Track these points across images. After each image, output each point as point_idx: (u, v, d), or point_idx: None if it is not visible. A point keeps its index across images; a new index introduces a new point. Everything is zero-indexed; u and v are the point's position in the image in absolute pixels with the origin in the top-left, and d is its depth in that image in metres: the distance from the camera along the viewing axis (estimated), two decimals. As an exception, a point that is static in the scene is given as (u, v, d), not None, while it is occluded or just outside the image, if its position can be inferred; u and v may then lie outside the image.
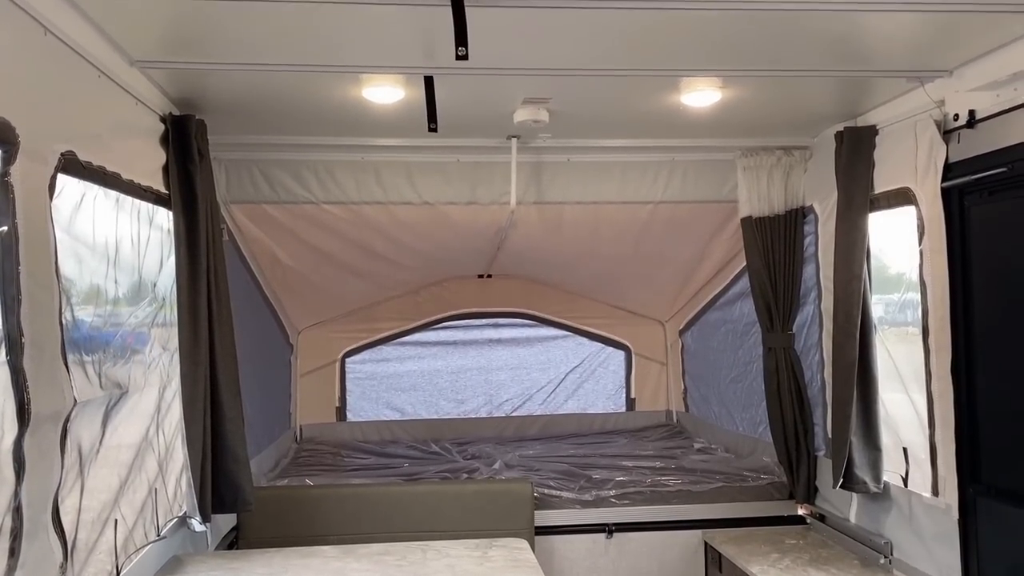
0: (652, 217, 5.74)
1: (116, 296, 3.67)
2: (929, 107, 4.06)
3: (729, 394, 6.78)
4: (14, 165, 2.45)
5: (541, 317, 7.95)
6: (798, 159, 5.39)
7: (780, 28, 3.39)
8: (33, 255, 2.55)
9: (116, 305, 3.66)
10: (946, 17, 3.27)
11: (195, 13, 3.14)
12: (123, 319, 3.73)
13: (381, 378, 7.74)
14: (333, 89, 4.14)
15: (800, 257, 5.35)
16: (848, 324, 4.54)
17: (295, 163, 5.27)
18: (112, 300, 3.62)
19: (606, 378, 8.08)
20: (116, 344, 3.58)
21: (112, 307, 3.61)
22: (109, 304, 3.58)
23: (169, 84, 3.99)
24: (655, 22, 3.29)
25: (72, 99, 3.02)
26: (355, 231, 5.70)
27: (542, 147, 5.27)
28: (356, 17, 3.18)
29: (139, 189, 3.62)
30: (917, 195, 4.15)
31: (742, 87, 4.24)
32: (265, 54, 3.62)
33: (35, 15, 2.65)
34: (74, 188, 3.11)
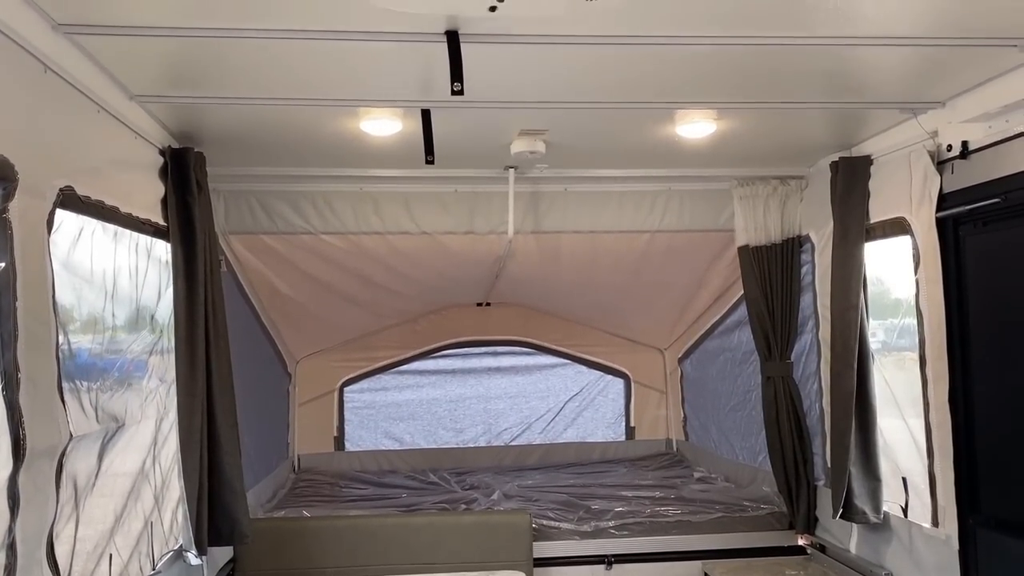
0: (649, 246, 5.76)
1: (114, 326, 3.68)
2: (923, 138, 4.09)
3: (728, 423, 6.76)
4: (13, 201, 2.47)
5: (540, 345, 7.95)
6: (794, 188, 5.42)
7: (774, 62, 3.43)
8: (30, 290, 2.56)
9: (114, 333, 3.67)
10: (937, 51, 3.31)
11: (194, 49, 3.18)
12: (121, 348, 3.74)
13: (379, 407, 7.72)
14: (331, 122, 4.17)
15: (797, 286, 5.37)
16: (846, 353, 4.54)
17: (294, 194, 5.30)
18: (110, 329, 3.63)
19: (605, 406, 8.05)
20: (114, 373, 3.59)
21: (111, 334, 3.62)
22: (108, 331, 3.59)
23: (168, 117, 4.02)
24: (649, 56, 3.32)
25: (71, 134, 3.05)
26: (354, 261, 5.71)
27: (539, 177, 5.31)
28: (354, 53, 3.22)
29: (137, 222, 3.63)
30: (912, 225, 4.17)
31: (737, 118, 4.28)
32: (264, 88, 3.66)
33: (35, 53, 2.69)
34: (73, 221, 3.13)
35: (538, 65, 3.40)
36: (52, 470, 2.63)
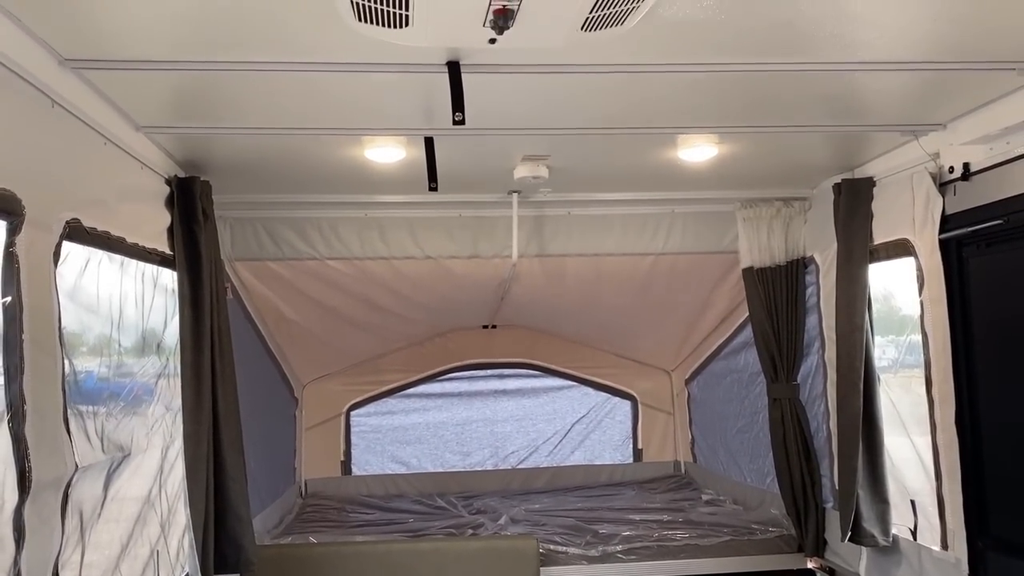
0: (654, 268, 5.77)
1: (120, 352, 3.70)
2: (925, 160, 4.10)
3: (736, 444, 6.73)
4: (19, 235, 2.50)
5: (546, 367, 7.94)
6: (798, 210, 5.43)
7: (775, 87, 3.45)
8: (37, 322, 2.58)
9: (120, 358, 3.69)
10: (937, 74, 3.33)
11: (199, 82, 3.22)
12: (129, 374, 3.76)
13: (386, 431, 7.71)
14: (336, 150, 4.21)
15: (802, 308, 5.36)
16: (851, 375, 4.53)
17: (299, 220, 5.34)
18: (116, 354, 3.65)
19: (613, 429, 8.03)
20: (120, 401, 3.60)
21: (117, 359, 3.64)
22: (115, 356, 3.61)
23: (174, 147, 4.07)
24: (649, 83, 3.35)
25: (78, 166, 3.08)
26: (359, 286, 5.74)
27: (543, 201, 5.34)
28: (357, 83, 3.26)
29: (144, 251, 3.67)
30: (916, 246, 4.17)
31: (739, 142, 4.30)
32: (269, 118, 3.70)
33: (43, 88, 2.73)
34: (80, 250, 3.16)
35: (539, 93, 3.43)
36: (58, 501, 2.64)
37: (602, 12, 2.33)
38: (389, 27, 2.41)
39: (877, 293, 4.67)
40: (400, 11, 2.29)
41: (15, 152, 2.55)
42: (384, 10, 2.30)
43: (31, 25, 2.57)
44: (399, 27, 2.40)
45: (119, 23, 2.62)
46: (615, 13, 2.36)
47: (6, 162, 2.47)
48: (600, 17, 2.37)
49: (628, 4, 2.31)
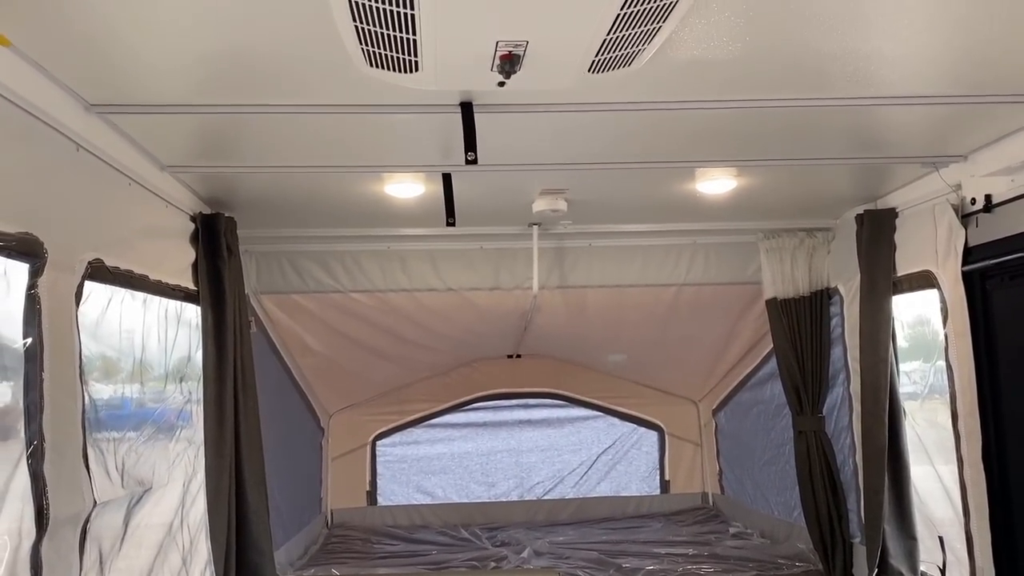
0: (676, 299, 5.75)
1: (142, 383, 3.77)
2: (946, 191, 4.06)
3: (763, 477, 6.64)
4: (41, 277, 2.56)
5: (572, 397, 7.90)
6: (821, 240, 5.39)
7: (793, 121, 3.44)
8: (58, 361, 2.64)
9: (144, 390, 3.75)
10: (957, 108, 3.30)
11: (223, 123, 3.30)
12: (152, 406, 3.82)
13: (411, 461, 7.71)
14: (356, 186, 4.28)
15: (827, 339, 5.30)
16: (876, 408, 4.47)
17: (323, 254, 5.42)
18: (139, 386, 3.72)
19: (639, 459, 7.95)
20: (147, 426, 3.67)
21: (140, 392, 3.70)
22: (136, 385, 3.67)
23: (200, 185, 4.16)
24: (663, 119, 3.36)
25: (102, 207, 3.16)
26: (382, 317, 5.79)
27: (563, 233, 5.35)
28: (376, 123, 3.31)
29: (167, 288, 3.74)
30: (939, 278, 4.11)
31: (758, 174, 4.29)
32: (291, 156, 3.77)
33: (68, 133, 2.81)
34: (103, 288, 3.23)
35: (554, 129, 3.46)
36: (76, 537, 2.69)
37: (608, 55, 2.36)
38: (399, 72, 2.45)
39: (909, 318, 4.60)
40: (409, 57, 2.34)
41: (39, 196, 2.63)
42: (394, 56, 2.34)
43: (57, 73, 2.65)
44: (409, 72, 2.44)
45: (143, 70, 2.70)
46: (622, 55, 2.38)
47: (30, 206, 2.54)
48: (607, 59, 2.39)
49: (634, 47, 2.33)
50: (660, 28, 2.22)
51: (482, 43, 2.24)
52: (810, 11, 2.35)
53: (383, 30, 2.16)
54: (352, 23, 2.15)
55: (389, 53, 2.32)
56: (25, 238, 2.47)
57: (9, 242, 2.39)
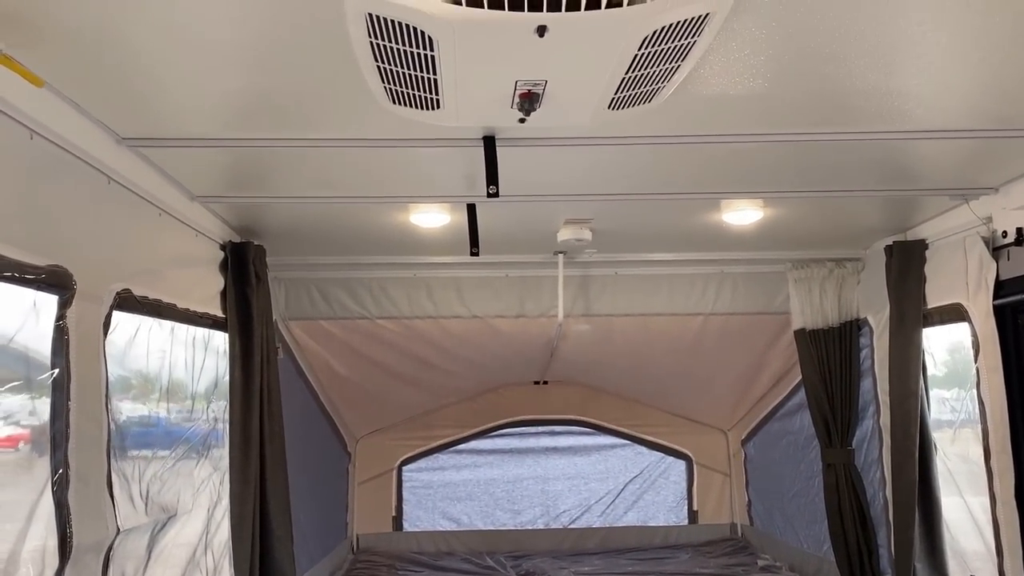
0: (704, 329, 5.71)
1: (168, 410, 3.82)
2: (976, 224, 4.00)
3: (792, 508, 6.53)
4: (70, 308, 2.62)
5: (598, 425, 7.84)
6: (850, 271, 5.33)
7: (819, 154, 3.42)
8: (84, 391, 2.69)
9: (169, 414, 3.81)
10: (987, 141, 3.26)
11: (252, 156, 3.36)
12: (180, 428, 3.87)
13: (437, 487, 7.70)
14: (383, 215, 4.32)
15: (857, 370, 5.23)
16: (907, 442, 4.40)
17: (350, 280, 5.47)
18: (168, 412, 3.77)
19: (667, 489, 7.86)
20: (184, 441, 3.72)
21: (168, 408, 3.75)
22: (168, 406, 3.72)
23: (229, 214, 4.23)
24: (690, 151, 3.35)
25: (131, 238, 3.23)
26: (408, 344, 5.81)
27: (588, 261, 5.35)
28: (401, 155, 3.35)
29: (195, 316, 3.79)
30: (970, 312, 4.05)
31: (785, 205, 4.27)
32: (319, 187, 3.83)
33: (99, 167, 2.88)
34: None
35: (578, 161, 3.48)
36: (98, 565, 2.72)
37: (628, 93, 2.37)
38: (422, 109, 2.49)
39: (945, 343, 4.51)
40: (431, 95, 2.37)
41: (69, 229, 2.69)
42: (416, 95, 2.37)
43: (90, 109, 2.72)
44: (431, 109, 2.47)
45: (173, 105, 2.76)
46: (641, 93, 2.39)
47: (60, 239, 2.61)
48: (626, 97, 2.41)
49: (653, 85, 2.34)
50: (679, 67, 2.23)
51: (501, 82, 2.27)
52: (829, 50, 2.35)
53: (404, 70, 2.19)
54: (374, 63, 2.19)
55: (411, 91, 2.35)
56: (54, 270, 2.53)
57: (38, 275, 2.45)
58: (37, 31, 2.13)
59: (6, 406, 2.60)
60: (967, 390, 4.51)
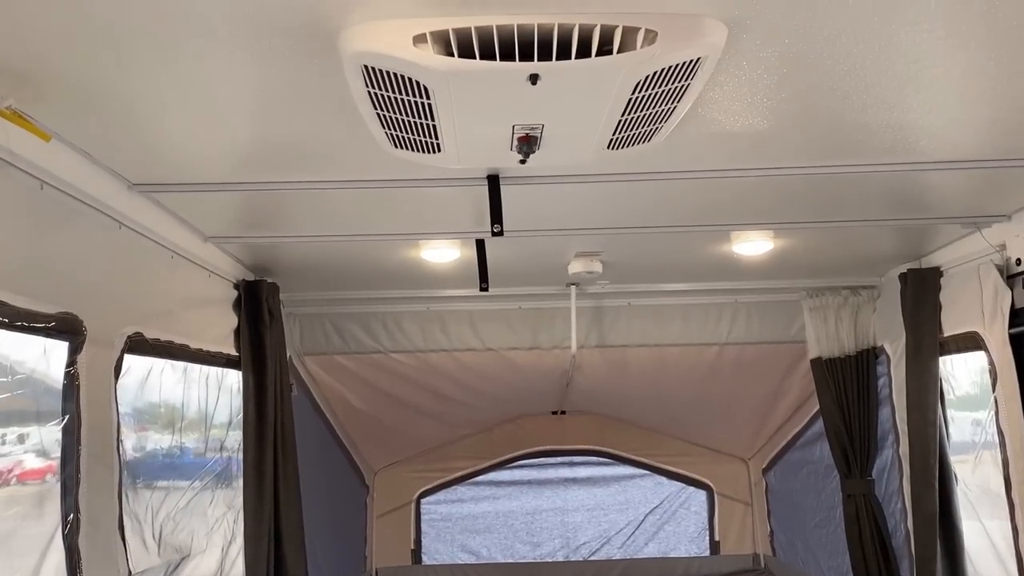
0: (719, 359, 5.67)
1: (181, 447, 3.86)
2: (990, 251, 3.96)
3: (814, 539, 6.43)
4: (80, 354, 2.65)
5: (618, 455, 7.78)
6: (866, 299, 5.28)
7: (828, 186, 3.40)
8: (95, 436, 2.71)
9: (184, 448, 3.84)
10: (998, 171, 3.23)
11: (264, 198, 3.40)
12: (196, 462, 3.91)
13: (456, 519, 7.66)
14: (394, 251, 4.36)
15: (875, 399, 5.17)
16: (926, 473, 4.33)
17: (364, 315, 5.51)
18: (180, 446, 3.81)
19: (688, 519, 7.77)
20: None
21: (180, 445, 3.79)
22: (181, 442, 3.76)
23: (243, 254, 4.28)
24: (695, 184, 3.35)
25: (143, 281, 3.27)
26: (423, 376, 5.83)
27: (601, 293, 5.35)
28: (410, 194, 3.38)
29: (208, 355, 3.83)
30: (986, 340, 3.99)
31: (796, 236, 4.25)
32: (330, 226, 3.87)
33: (110, 213, 2.93)
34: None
35: (583, 197, 3.49)
36: (109, 609, 2.73)
37: (626, 134, 2.38)
38: (423, 153, 2.51)
39: (965, 366, 4.43)
40: (431, 140, 2.39)
41: (80, 275, 2.73)
42: (417, 139, 2.40)
43: (101, 157, 2.77)
44: (432, 152, 2.50)
45: (184, 152, 2.81)
46: (640, 133, 2.40)
47: (70, 286, 2.65)
48: (625, 137, 2.42)
49: (651, 125, 2.35)
50: (675, 108, 2.24)
51: (499, 127, 2.29)
52: (833, 87, 2.34)
53: (403, 117, 2.22)
54: (374, 111, 2.22)
55: (411, 137, 2.38)
56: (64, 317, 2.56)
57: (48, 323, 2.48)
58: (47, 86, 2.18)
59: (35, 439, 2.64)
60: (988, 411, 4.45)
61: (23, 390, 2.62)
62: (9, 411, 2.63)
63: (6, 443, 2.68)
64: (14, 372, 2.54)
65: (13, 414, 2.65)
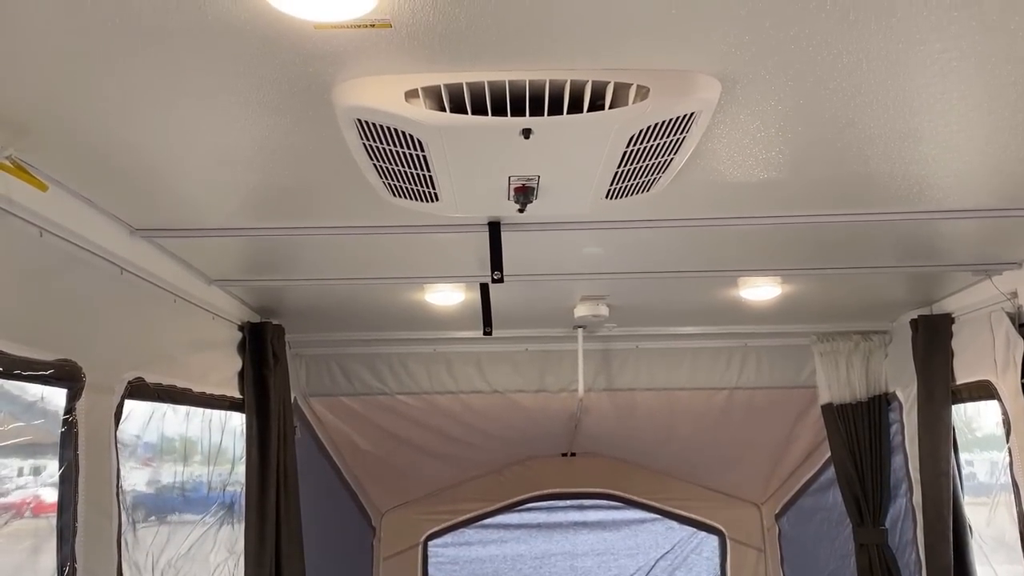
0: (729, 403, 5.61)
1: (184, 494, 3.84)
2: (1001, 299, 3.91)
3: (828, 588, 6.29)
4: (80, 401, 2.64)
5: (628, 498, 7.66)
6: (877, 344, 5.22)
7: (836, 233, 3.37)
8: (94, 483, 2.69)
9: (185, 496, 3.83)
10: (1007, 220, 3.19)
11: (267, 242, 3.41)
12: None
13: (464, 563, 7.54)
14: (399, 294, 4.35)
15: (887, 447, 5.08)
16: (939, 525, 4.23)
17: (370, 356, 5.50)
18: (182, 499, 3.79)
19: (699, 565, 7.61)
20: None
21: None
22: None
23: (247, 295, 4.28)
24: (700, 232, 3.33)
25: (146, 326, 3.27)
26: (429, 419, 5.79)
27: (608, 335, 5.32)
28: (415, 240, 3.38)
29: (212, 399, 3.82)
30: (999, 390, 3.92)
31: (805, 282, 4.21)
32: (335, 269, 3.87)
33: (112, 259, 2.93)
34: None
35: (586, 242, 3.47)
36: (104, 661, 2.69)
37: (624, 184, 2.37)
38: (421, 202, 2.52)
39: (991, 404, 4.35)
40: (428, 189, 2.40)
41: (80, 322, 2.74)
42: (414, 189, 2.40)
43: (102, 204, 2.78)
44: (430, 201, 2.51)
45: (187, 198, 2.82)
46: (638, 184, 2.40)
47: (69, 332, 2.65)
48: (623, 188, 2.41)
49: (648, 176, 2.34)
50: (672, 160, 2.24)
51: (495, 178, 2.29)
52: (839, 141, 2.33)
53: (399, 167, 2.23)
54: (370, 162, 2.23)
55: (408, 186, 2.39)
56: (63, 364, 2.56)
57: (46, 370, 2.48)
58: (47, 135, 2.20)
59: (51, 470, 2.63)
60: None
61: (43, 420, 2.63)
62: (26, 443, 2.63)
63: (23, 475, 2.69)
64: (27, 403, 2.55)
65: (28, 447, 2.65)
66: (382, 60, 1.79)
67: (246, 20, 1.62)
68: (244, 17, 1.60)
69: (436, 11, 1.58)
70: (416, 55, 1.75)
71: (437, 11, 1.58)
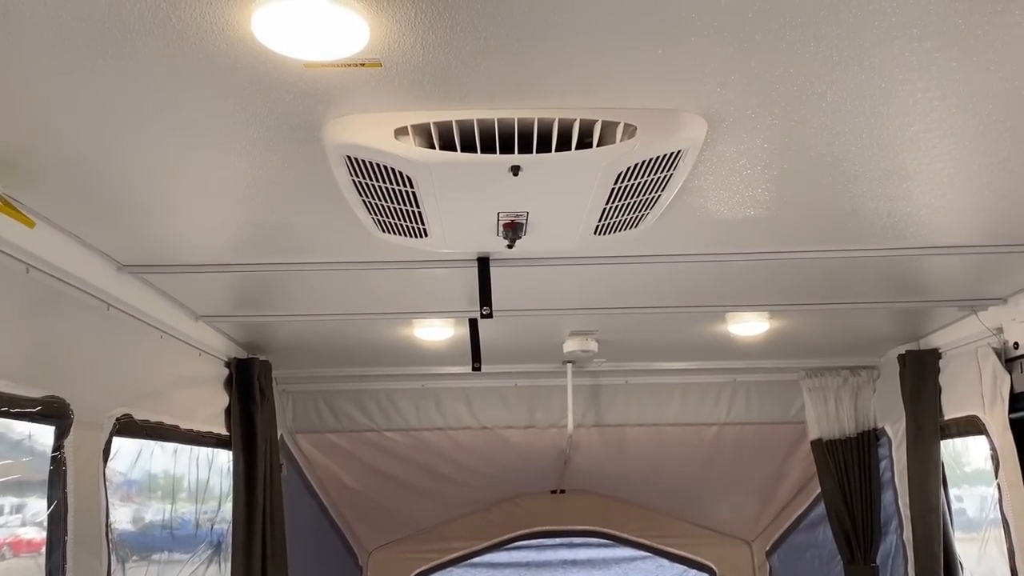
0: (719, 439, 5.59)
1: (172, 533, 3.79)
2: (987, 335, 3.93)
3: (821, 628, 6.22)
4: (67, 438, 2.61)
5: (618, 536, 7.59)
6: (866, 379, 5.23)
7: (823, 269, 3.39)
8: (82, 521, 2.65)
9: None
10: (992, 256, 3.22)
11: (255, 279, 3.40)
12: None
13: (452, 603, 7.46)
14: (387, 330, 4.34)
15: (877, 483, 5.07)
16: (930, 562, 4.21)
17: (358, 392, 5.46)
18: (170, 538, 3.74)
19: (690, 605, 7.55)
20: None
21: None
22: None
23: (235, 332, 4.26)
24: (688, 268, 3.35)
25: (133, 363, 3.25)
26: (417, 455, 5.74)
27: (598, 371, 5.31)
28: (402, 275, 3.38)
29: (198, 436, 3.78)
30: (987, 425, 3.93)
31: (792, 317, 4.23)
32: (322, 305, 3.86)
33: (99, 295, 2.92)
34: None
35: (575, 278, 3.48)
36: None
37: (612, 220, 2.39)
38: (411, 237, 2.52)
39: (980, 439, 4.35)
40: (417, 225, 2.41)
41: (67, 358, 2.71)
42: (403, 225, 2.41)
43: (89, 239, 2.78)
44: (419, 237, 2.51)
45: (175, 234, 2.81)
46: (626, 220, 2.41)
47: (56, 369, 2.63)
48: (611, 224, 2.43)
49: (636, 213, 2.36)
50: (659, 197, 2.26)
51: (484, 214, 2.31)
52: (811, 175, 2.35)
53: (388, 204, 2.24)
54: (359, 198, 2.24)
55: (398, 222, 2.39)
56: (50, 402, 2.53)
57: (33, 407, 2.45)
58: (34, 173, 2.20)
59: (34, 508, 2.59)
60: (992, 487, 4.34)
61: (30, 458, 2.59)
62: (14, 481, 2.59)
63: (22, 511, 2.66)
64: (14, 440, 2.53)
65: (14, 484, 2.62)
66: (372, 98, 1.80)
67: (237, 58, 1.63)
68: (235, 55, 1.62)
69: (426, 51, 1.60)
70: (406, 94, 1.76)
71: (427, 51, 1.60)
